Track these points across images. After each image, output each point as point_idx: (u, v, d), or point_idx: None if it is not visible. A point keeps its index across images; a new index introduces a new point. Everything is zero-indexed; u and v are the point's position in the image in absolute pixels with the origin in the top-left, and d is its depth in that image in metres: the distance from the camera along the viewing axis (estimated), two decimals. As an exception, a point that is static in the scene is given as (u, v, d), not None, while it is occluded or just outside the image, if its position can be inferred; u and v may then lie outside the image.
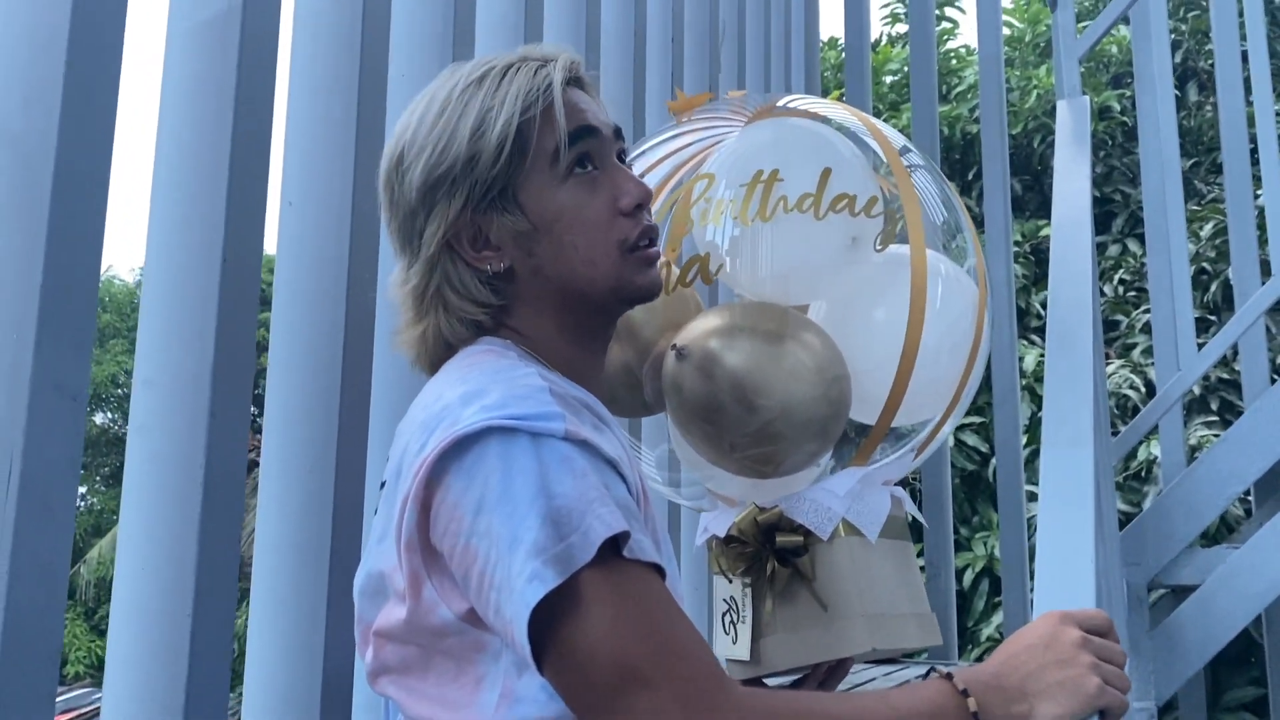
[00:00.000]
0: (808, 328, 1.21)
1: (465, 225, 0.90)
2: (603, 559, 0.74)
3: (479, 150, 0.88)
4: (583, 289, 0.91)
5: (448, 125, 0.90)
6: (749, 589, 1.18)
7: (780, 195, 1.17)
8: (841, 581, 1.14)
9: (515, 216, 0.89)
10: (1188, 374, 3.01)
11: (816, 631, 1.14)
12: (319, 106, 1.44)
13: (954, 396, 1.26)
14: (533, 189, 0.90)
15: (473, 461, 0.77)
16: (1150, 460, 4.75)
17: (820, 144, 1.27)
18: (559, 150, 0.89)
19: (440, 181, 0.89)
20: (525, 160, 0.89)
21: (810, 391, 1.15)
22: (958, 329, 1.24)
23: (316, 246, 1.40)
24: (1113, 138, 6.90)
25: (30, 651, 0.98)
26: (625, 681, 0.73)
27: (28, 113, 1.06)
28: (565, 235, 0.89)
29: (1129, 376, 5.22)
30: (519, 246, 0.90)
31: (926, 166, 1.32)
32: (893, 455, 1.26)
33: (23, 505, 0.98)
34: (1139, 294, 5.95)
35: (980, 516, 5.39)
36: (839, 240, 1.21)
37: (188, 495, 1.18)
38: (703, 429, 1.17)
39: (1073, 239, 1.90)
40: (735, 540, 1.17)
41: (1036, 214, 6.66)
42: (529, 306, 0.92)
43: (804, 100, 1.39)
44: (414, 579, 0.81)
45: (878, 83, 7.36)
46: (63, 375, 1.03)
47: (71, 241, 1.05)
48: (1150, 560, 2.71)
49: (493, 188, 0.89)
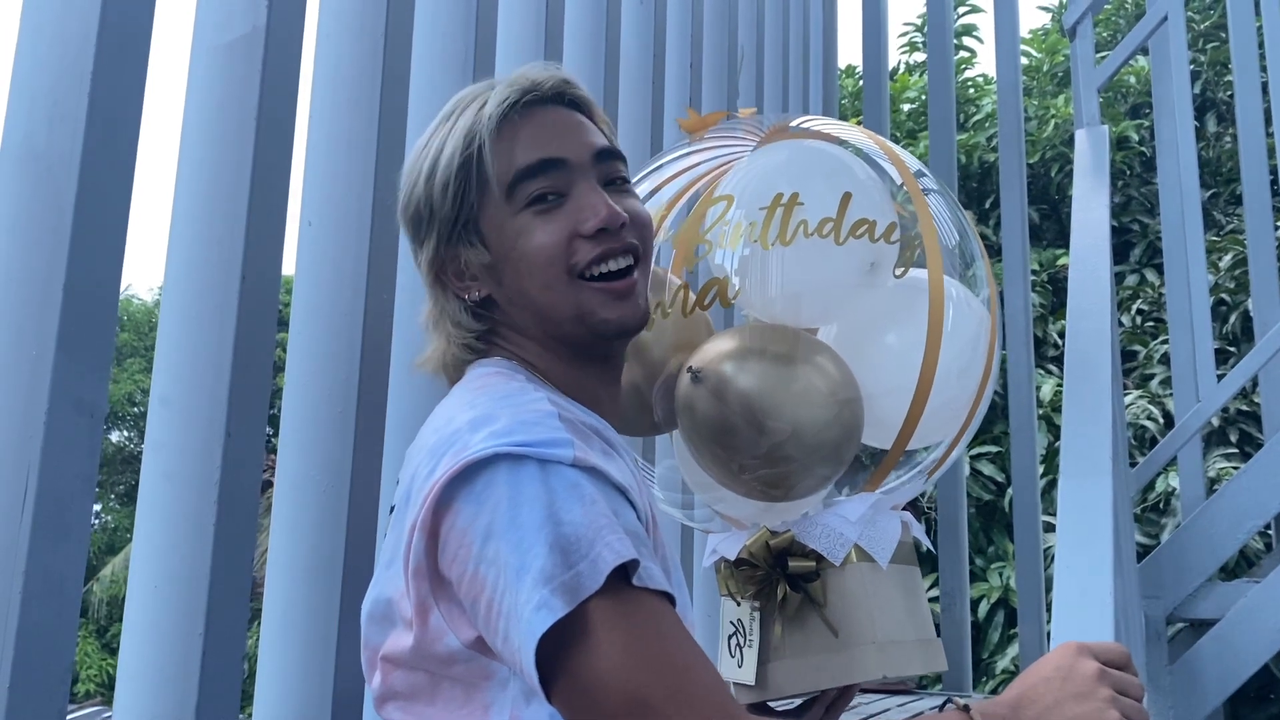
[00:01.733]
0: (821, 351, 1.21)
1: (445, 258, 0.92)
2: (612, 587, 0.73)
3: (432, 191, 0.91)
4: (548, 314, 0.90)
5: (415, 166, 0.93)
6: (757, 612, 1.17)
7: (801, 219, 1.17)
8: (853, 608, 1.13)
9: (478, 249, 0.90)
10: (1207, 405, 2.98)
11: (826, 657, 1.13)
12: (340, 128, 1.45)
13: (965, 420, 1.25)
14: (491, 221, 0.90)
15: (481, 488, 0.76)
16: (1169, 492, 4.72)
17: (838, 167, 1.27)
18: (515, 182, 0.89)
19: (415, 220, 0.93)
20: (479, 195, 0.90)
21: (822, 415, 1.15)
22: (971, 353, 1.24)
23: (335, 267, 1.41)
24: (1131, 168, 6.89)
25: (42, 668, 0.98)
26: (635, 713, 0.72)
27: (52, 131, 1.07)
28: (520, 263, 0.89)
29: (1147, 407, 5.18)
30: (490, 277, 0.91)
31: (940, 190, 1.31)
32: (903, 479, 1.26)
33: (38, 521, 0.98)
34: (1157, 324, 5.93)
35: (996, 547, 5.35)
36: (858, 265, 1.21)
37: (201, 514, 1.18)
38: (714, 451, 1.17)
39: (1091, 269, 1.89)
40: (745, 563, 1.17)
41: (1054, 243, 6.65)
42: (516, 332, 0.93)
43: (818, 121, 1.39)
44: (421, 606, 0.81)
45: (895, 111, 7.38)
46: (81, 392, 1.03)
47: (92, 259, 1.06)
48: (1169, 593, 2.68)
49: (456, 223, 0.90)
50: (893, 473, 1.22)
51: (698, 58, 2.61)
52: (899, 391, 1.17)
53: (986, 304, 1.27)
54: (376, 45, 1.48)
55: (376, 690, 0.87)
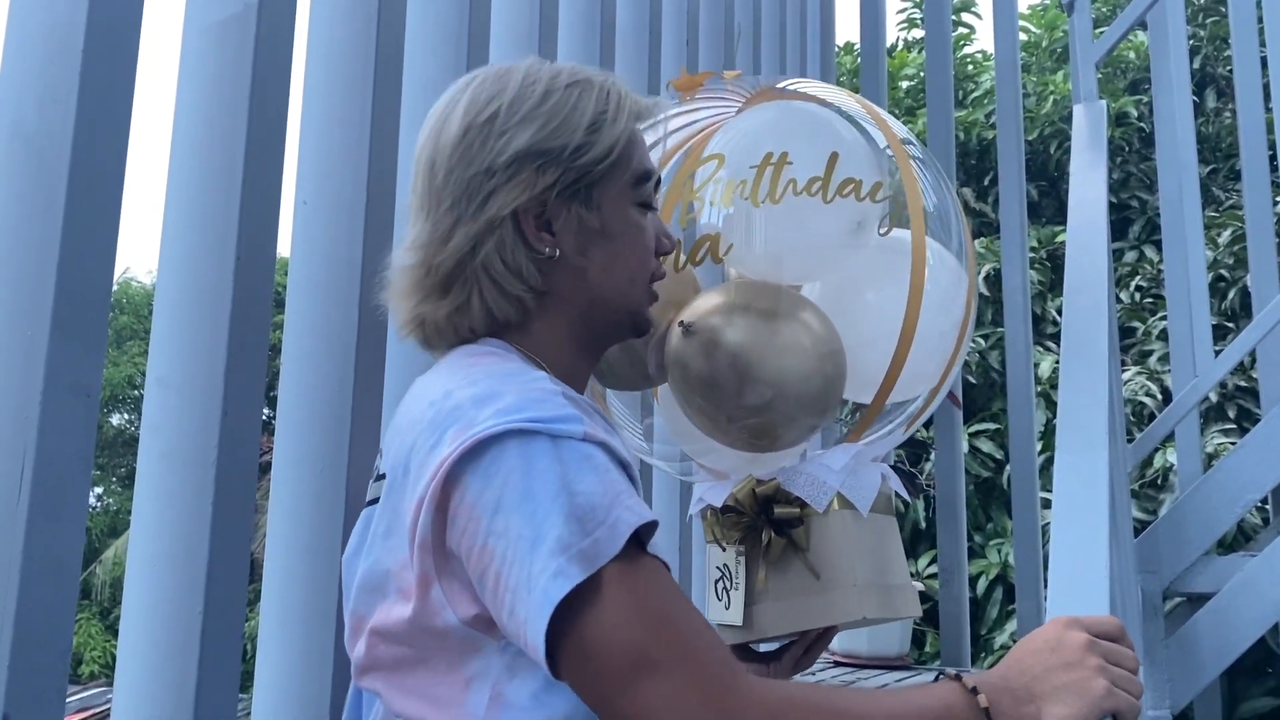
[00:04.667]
0: (805, 306, 1.25)
1: (536, 204, 0.90)
2: (626, 552, 0.75)
3: (589, 143, 0.91)
4: (613, 301, 0.95)
5: (560, 108, 0.91)
6: (743, 557, 1.21)
7: (790, 178, 1.21)
8: (834, 552, 1.18)
9: (591, 213, 0.92)
10: (1204, 380, 2.98)
11: (809, 599, 1.18)
12: (334, 106, 1.44)
13: (943, 373, 1.31)
14: (613, 197, 0.94)
15: (489, 463, 0.77)
16: (1166, 468, 4.72)
17: (824, 128, 1.30)
18: (644, 178, 0.96)
19: (540, 154, 0.89)
20: (619, 171, 0.94)
21: (806, 367, 1.20)
22: (949, 312, 1.29)
23: (330, 246, 1.41)
24: (1130, 143, 6.86)
25: (42, 648, 0.98)
26: (639, 669, 0.73)
27: (43, 113, 1.07)
28: (624, 249, 0.95)
29: (1145, 384, 5.18)
30: (577, 242, 0.92)
31: (924, 158, 1.34)
32: (884, 430, 1.31)
33: (35, 503, 0.99)
34: (1155, 301, 5.92)
35: (994, 523, 5.36)
36: (845, 224, 1.25)
37: (199, 495, 1.19)
38: (703, 402, 1.22)
39: (1088, 245, 1.88)
40: (731, 510, 1.21)
41: (1053, 220, 6.63)
42: (560, 304, 0.93)
43: (806, 83, 1.41)
44: (423, 579, 0.81)
45: (894, 88, 7.35)
46: (76, 374, 1.03)
47: (86, 241, 1.05)
48: (1166, 568, 2.69)
49: (582, 180, 0.91)
50: (874, 425, 1.27)
51: (694, 35, 2.60)
52: (880, 346, 1.22)
53: (964, 262, 1.30)
54: (370, 20, 1.48)
55: (359, 659, 0.88)
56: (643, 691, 0.73)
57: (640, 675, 0.73)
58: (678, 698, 0.72)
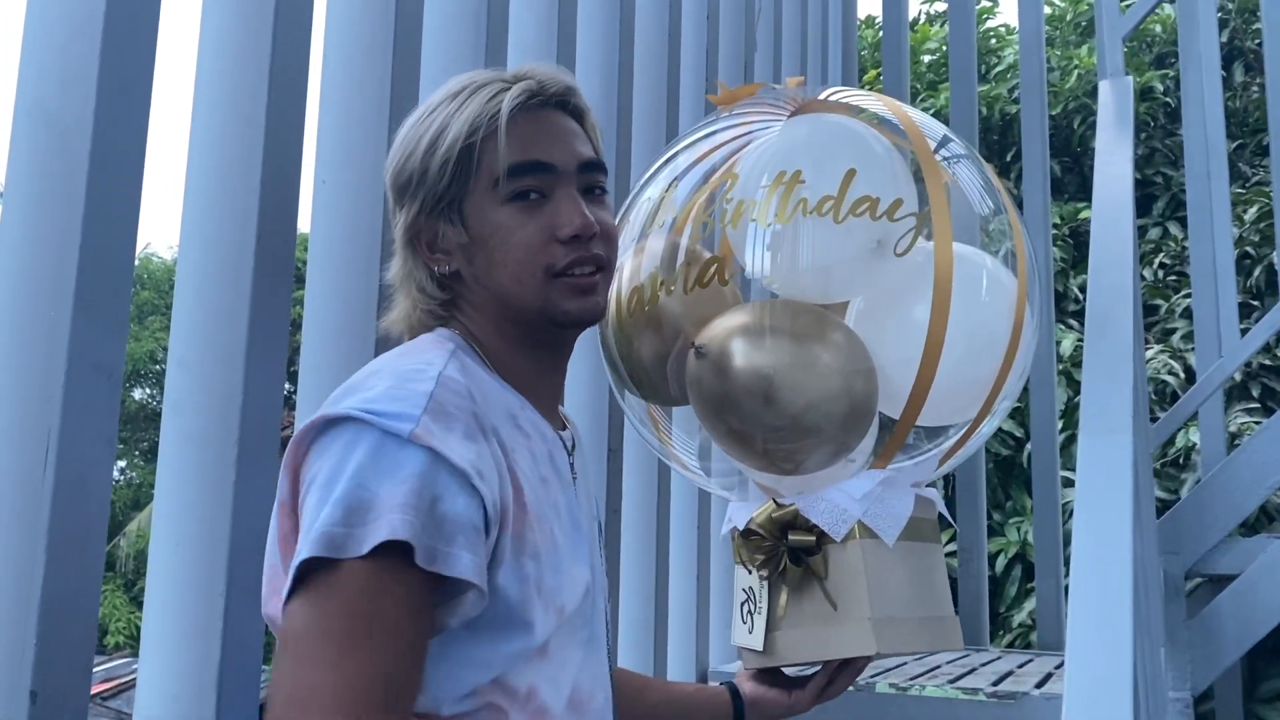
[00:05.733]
0: (833, 326, 1.21)
1: (422, 227, 0.98)
2: (380, 561, 0.78)
3: (429, 165, 0.95)
4: (512, 302, 0.96)
5: (414, 135, 0.98)
6: (765, 581, 1.19)
7: (800, 198, 1.17)
8: (851, 583, 1.15)
9: (457, 229, 0.96)
10: (1230, 360, 2.95)
11: (823, 629, 1.16)
12: (353, 84, 1.44)
13: (988, 399, 1.23)
14: (475, 205, 0.96)
15: (326, 443, 0.83)
16: (1189, 447, 4.69)
17: (853, 142, 1.26)
18: (508, 173, 0.95)
19: (403, 186, 0.98)
20: (469, 180, 0.95)
21: (831, 388, 1.15)
22: (990, 328, 1.22)
23: (350, 224, 1.40)
24: (1155, 119, 6.78)
25: (68, 625, 0.99)
26: (300, 667, 0.78)
27: (64, 92, 1.07)
28: (496, 252, 0.95)
29: (1168, 362, 5.14)
30: (463, 255, 0.97)
31: (968, 155, 1.29)
32: (921, 457, 1.25)
33: (60, 481, 0.99)
34: (1179, 278, 5.86)
35: (1014, 502, 5.34)
36: (862, 243, 1.20)
37: (221, 474, 1.19)
38: (723, 425, 1.19)
39: (1114, 222, 1.86)
40: (753, 534, 1.19)
41: (1075, 196, 6.57)
42: (475, 310, 0.98)
43: (849, 93, 1.36)
44: (284, 540, 0.87)
45: (915, 62, 7.27)
46: (99, 353, 1.04)
47: (107, 220, 1.06)
48: (1188, 549, 2.67)
49: (442, 199, 0.96)
50: (903, 451, 1.22)
51: (714, 8, 2.57)
52: (908, 365, 1.17)
53: (1011, 264, 1.25)
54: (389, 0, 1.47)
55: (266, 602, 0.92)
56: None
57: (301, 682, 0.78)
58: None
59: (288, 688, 0.77)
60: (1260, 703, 3.86)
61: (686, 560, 2.26)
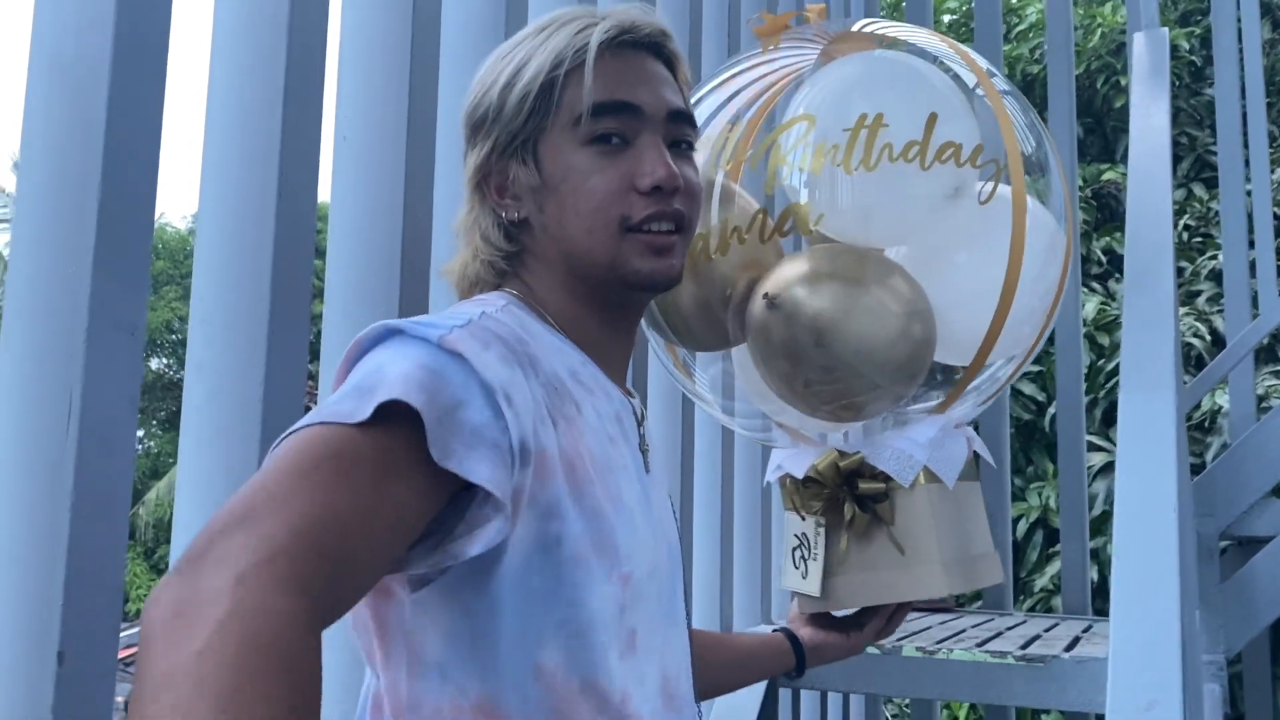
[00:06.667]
0: (893, 270, 1.19)
1: (493, 169, 0.92)
2: (385, 430, 0.68)
3: (505, 100, 0.90)
4: (581, 256, 0.89)
5: (493, 71, 0.92)
6: (822, 528, 1.19)
7: (886, 143, 1.13)
8: (921, 528, 1.16)
9: (530, 170, 0.90)
10: (1266, 320, 2.90)
11: (892, 573, 1.16)
12: (373, 38, 1.41)
13: (1035, 339, 1.24)
14: (551, 146, 0.89)
15: (372, 351, 0.76)
16: (1215, 410, 4.64)
17: (920, 83, 1.21)
18: (591, 112, 0.88)
19: (478, 124, 0.92)
20: (548, 117, 0.89)
21: (894, 331, 1.14)
22: (1047, 274, 1.22)
23: (373, 181, 1.38)
24: (1180, 78, 6.67)
25: (94, 586, 0.98)
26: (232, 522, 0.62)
27: (80, 42, 1.04)
28: (569, 198, 0.88)
29: (1194, 324, 5.08)
30: (534, 200, 0.90)
31: (1012, 92, 1.26)
32: (968, 402, 1.25)
33: (84, 440, 0.97)
34: (1204, 240, 5.79)
35: (1035, 467, 5.31)
36: (941, 190, 1.17)
37: (246, 433, 1.17)
38: (789, 372, 1.17)
39: (1151, 177, 1.81)
40: (813, 482, 1.18)
41: (1098, 158, 6.49)
42: (540, 262, 0.92)
43: (884, 25, 1.32)
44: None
45: (936, 22, 7.17)
46: (120, 311, 1.02)
47: (126, 175, 1.03)
48: (1221, 511, 2.64)
49: (516, 137, 0.90)
50: (964, 393, 1.22)
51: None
52: (973, 310, 1.16)
53: (1062, 219, 1.23)
54: (409, -50, 1.43)
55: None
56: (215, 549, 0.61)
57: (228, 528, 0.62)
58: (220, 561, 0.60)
59: (226, 504, 0.64)
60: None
61: (710, 524, 2.24)
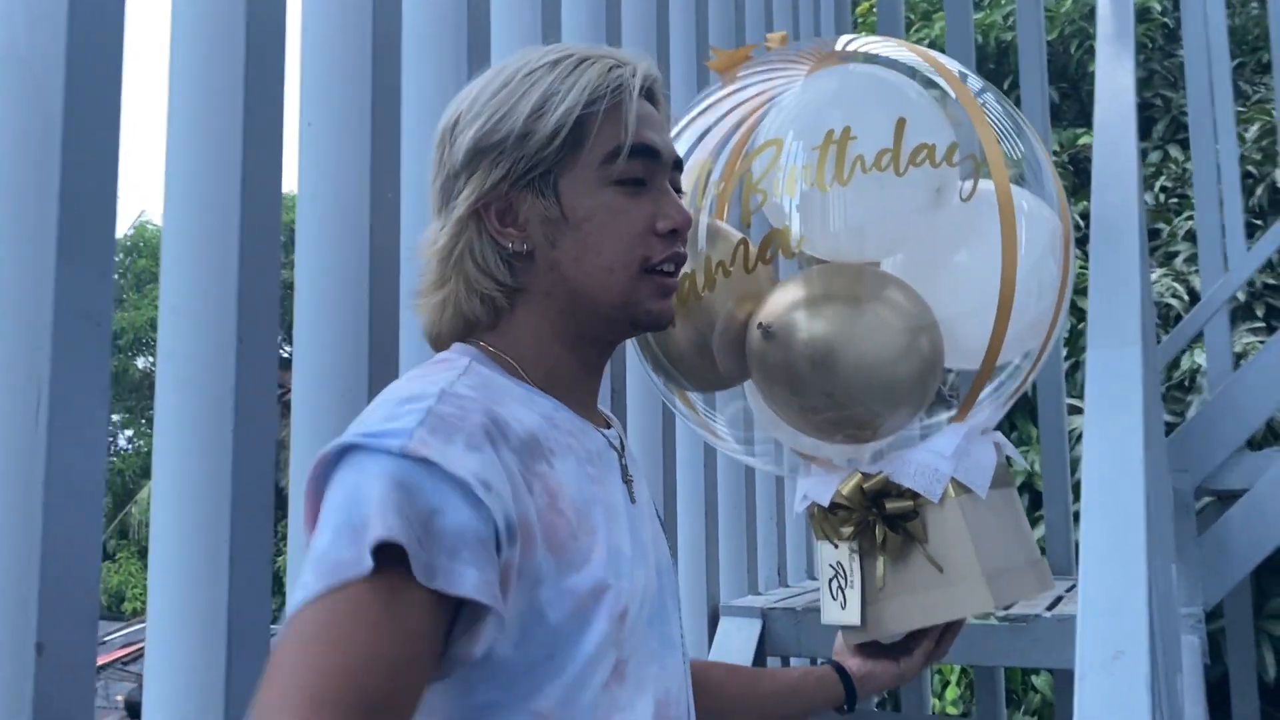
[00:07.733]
0: (890, 284, 1.15)
1: (498, 197, 0.88)
2: (383, 577, 0.70)
3: (534, 129, 0.87)
4: (594, 294, 0.89)
5: (508, 98, 0.89)
6: (856, 554, 1.15)
7: (856, 155, 1.10)
8: (957, 542, 1.11)
9: (549, 202, 0.88)
10: (1236, 274, 2.93)
11: (933, 594, 1.11)
12: (334, 23, 1.40)
13: (1047, 335, 1.20)
14: (575, 181, 0.88)
15: (339, 473, 0.76)
16: (1194, 369, 4.68)
17: (887, 90, 1.19)
18: (616, 154, 0.88)
19: (489, 149, 0.88)
20: (578, 153, 0.88)
21: (899, 347, 1.11)
22: (1047, 266, 1.18)
23: (338, 167, 1.38)
24: (1153, 40, 6.68)
25: (71, 576, 0.98)
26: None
27: (33, 34, 1.04)
28: (593, 236, 0.88)
29: (1171, 285, 5.11)
30: (545, 234, 0.88)
31: (988, 89, 1.24)
32: (986, 405, 1.21)
33: (54, 432, 0.98)
34: (1180, 201, 5.81)
35: (1019, 431, 5.34)
36: (923, 193, 1.14)
37: (219, 420, 1.18)
38: (796, 403, 1.13)
39: (1117, 138, 1.82)
40: (840, 507, 1.14)
41: (1074, 123, 6.50)
42: (538, 298, 0.90)
43: (862, 40, 1.29)
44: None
45: None
46: (86, 301, 1.02)
47: (86, 165, 1.03)
48: (1197, 466, 2.67)
49: (536, 168, 0.88)
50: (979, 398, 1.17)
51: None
52: (979, 312, 1.12)
53: (1056, 209, 1.21)
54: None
55: None
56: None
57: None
58: None
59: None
60: (1270, 619, 3.89)
61: (694, 496, 2.26)
